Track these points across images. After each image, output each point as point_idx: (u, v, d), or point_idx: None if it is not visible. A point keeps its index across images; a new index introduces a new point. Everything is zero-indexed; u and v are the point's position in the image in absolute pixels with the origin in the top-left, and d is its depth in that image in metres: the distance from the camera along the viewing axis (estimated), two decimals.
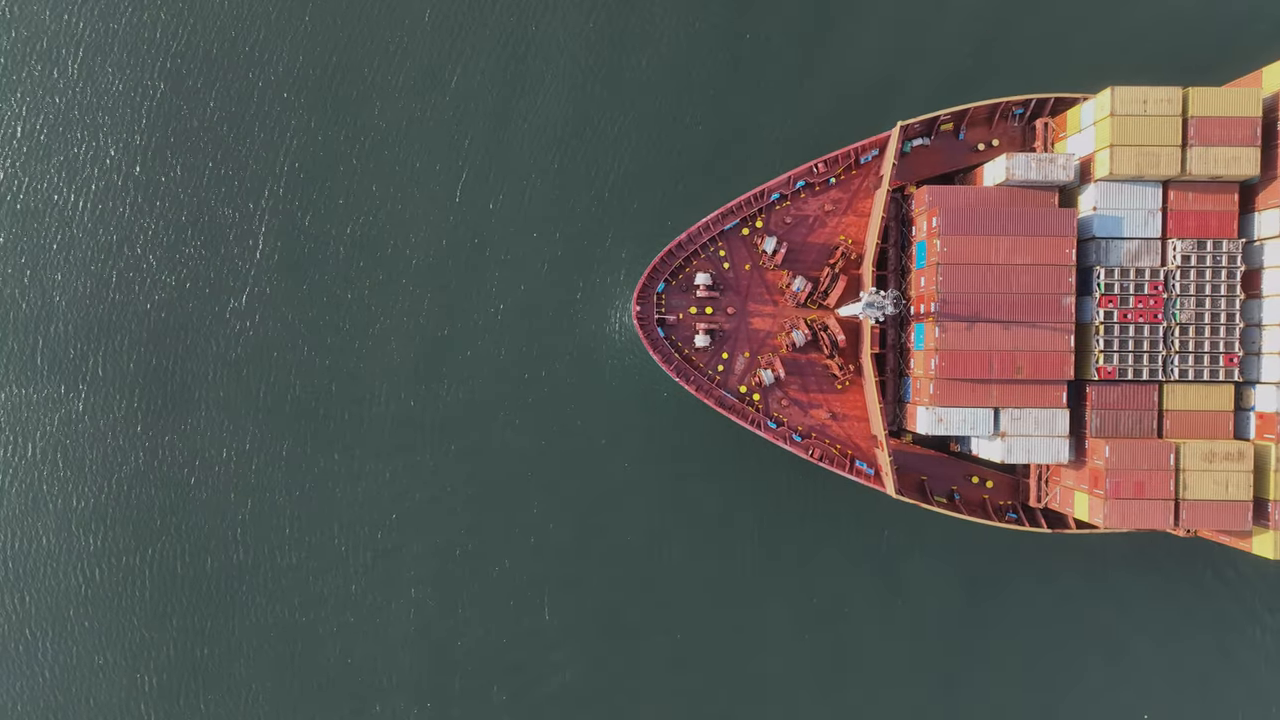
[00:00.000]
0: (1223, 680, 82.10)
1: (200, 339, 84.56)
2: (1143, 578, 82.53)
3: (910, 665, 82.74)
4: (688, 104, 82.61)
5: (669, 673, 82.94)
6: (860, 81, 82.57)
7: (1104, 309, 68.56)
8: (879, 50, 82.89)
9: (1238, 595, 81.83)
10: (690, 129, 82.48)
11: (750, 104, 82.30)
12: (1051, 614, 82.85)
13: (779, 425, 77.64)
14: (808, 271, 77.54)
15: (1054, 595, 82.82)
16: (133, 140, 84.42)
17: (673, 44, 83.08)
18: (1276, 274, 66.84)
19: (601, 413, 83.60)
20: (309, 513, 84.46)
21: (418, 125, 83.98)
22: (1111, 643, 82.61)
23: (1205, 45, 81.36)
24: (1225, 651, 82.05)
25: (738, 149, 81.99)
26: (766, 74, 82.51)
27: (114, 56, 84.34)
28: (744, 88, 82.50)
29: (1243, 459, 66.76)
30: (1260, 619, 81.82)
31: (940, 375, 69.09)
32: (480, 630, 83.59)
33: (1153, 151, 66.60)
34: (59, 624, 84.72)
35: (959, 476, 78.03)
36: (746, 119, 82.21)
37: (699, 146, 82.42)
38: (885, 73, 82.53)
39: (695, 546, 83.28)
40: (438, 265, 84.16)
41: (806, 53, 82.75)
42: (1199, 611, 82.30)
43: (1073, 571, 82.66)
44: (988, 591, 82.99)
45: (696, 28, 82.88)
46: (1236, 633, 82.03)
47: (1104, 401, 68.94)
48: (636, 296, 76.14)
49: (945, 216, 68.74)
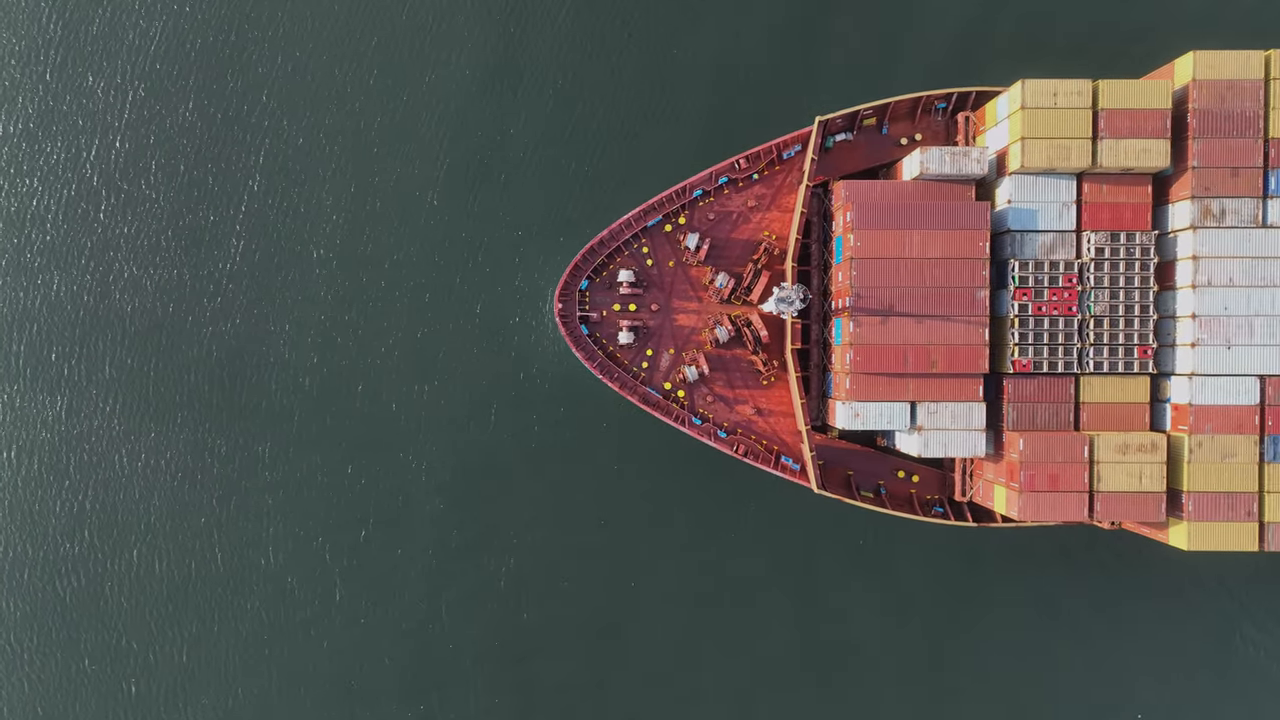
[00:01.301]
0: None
1: (179, 341, 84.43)
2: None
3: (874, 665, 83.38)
4: (607, 101, 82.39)
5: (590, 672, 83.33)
6: (785, 76, 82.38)
7: (1019, 302, 68.56)
8: (804, 43, 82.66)
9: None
10: (611, 126, 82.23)
11: (673, 99, 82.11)
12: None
13: (704, 421, 77.55)
14: (732, 267, 77.48)
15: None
16: (110, 143, 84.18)
17: (587, 44, 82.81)
18: (1189, 266, 66.88)
19: (532, 413, 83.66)
20: (291, 514, 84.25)
21: (391, 127, 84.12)
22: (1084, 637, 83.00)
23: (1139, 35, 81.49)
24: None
25: (660, 145, 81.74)
26: (686, 68, 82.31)
27: (91, 60, 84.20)
28: (666, 83, 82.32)
29: (1156, 450, 66.83)
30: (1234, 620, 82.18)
31: (855, 370, 69.06)
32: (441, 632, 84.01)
33: (1063, 144, 66.59)
34: (42, 632, 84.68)
35: (886, 471, 78.03)
36: (669, 115, 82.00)
37: (620, 144, 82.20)
38: (812, 67, 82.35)
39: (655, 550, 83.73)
40: (411, 266, 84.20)
41: (728, 46, 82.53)
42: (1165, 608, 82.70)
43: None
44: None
45: (609, 26, 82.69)
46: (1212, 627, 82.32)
47: (1020, 394, 68.93)
48: (558, 294, 76.02)
49: (858, 211, 68.71)
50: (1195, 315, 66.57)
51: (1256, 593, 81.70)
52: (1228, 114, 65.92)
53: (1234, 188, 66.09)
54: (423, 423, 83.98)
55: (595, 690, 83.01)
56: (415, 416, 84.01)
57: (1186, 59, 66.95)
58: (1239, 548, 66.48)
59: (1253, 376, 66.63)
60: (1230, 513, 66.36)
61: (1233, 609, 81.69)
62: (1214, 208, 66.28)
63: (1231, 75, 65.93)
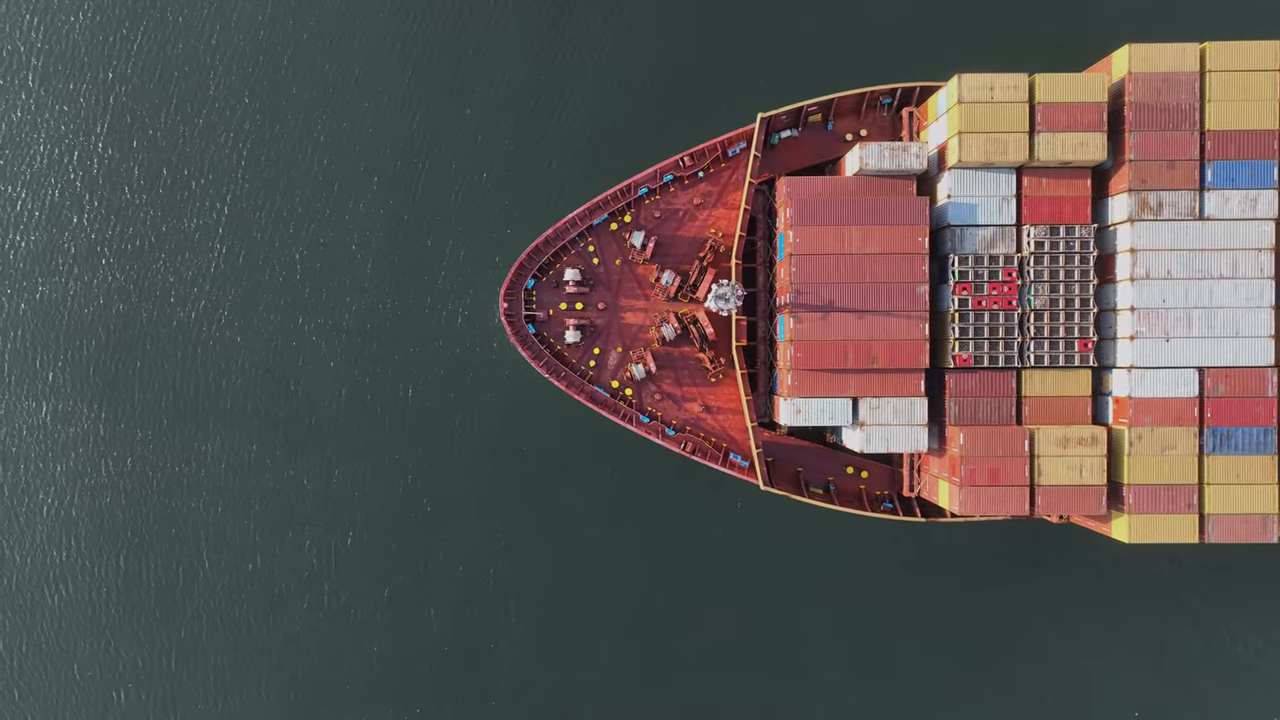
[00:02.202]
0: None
1: (164, 346, 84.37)
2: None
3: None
4: (553, 99, 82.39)
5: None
6: (731, 73, 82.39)
7: (959, 296, 68.58)
8: (750, 39, 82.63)
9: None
10: (556, 125, 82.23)
11: (618, 97, 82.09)
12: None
13: (652, 420, 77.49)
14: (678, 265, 77.43)
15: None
16: (92, 148, 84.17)
17: (528, 44, 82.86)
18: (1127, 259, 66.92)
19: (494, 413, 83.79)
20: (278, 518, 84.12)
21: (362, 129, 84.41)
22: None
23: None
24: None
25: (606, 143, 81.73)
26: (632, 65, 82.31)
27: (73, 65, 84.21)
28: (612, 80, 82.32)
29: (1096, 443, 66.89)
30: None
31: (796, 366, 69.05)
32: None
33: (1000, 138, 66.61)
34: (31, 640, 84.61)
35: (835, 468, 77.97)
36: (615, 113, 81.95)
37: (565, 142, 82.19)
38: (758, 63, 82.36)
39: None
40: (377, 269, 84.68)
41: (675, 43, 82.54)
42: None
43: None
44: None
45: (549, 27, 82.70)
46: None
47: (962, 389, 68.96)
48: (503, 294, 75.95)
49: (796, 207, 68.71)
50: (1134, 308, 66.64)
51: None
52: (1164, 107, 65.97)
53: (1171, 180, 66.14)
54: (407, 427, 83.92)
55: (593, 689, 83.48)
56: (400, 420, 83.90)
57: (1123, 52, 67.00)
58: (1179, 539, 66.55)
59: (1191, 369, 66.69)
60: (1170, 505, 66.44)
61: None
62: (1151, 200, 66.33)
63: (1167, 68, 65.99)
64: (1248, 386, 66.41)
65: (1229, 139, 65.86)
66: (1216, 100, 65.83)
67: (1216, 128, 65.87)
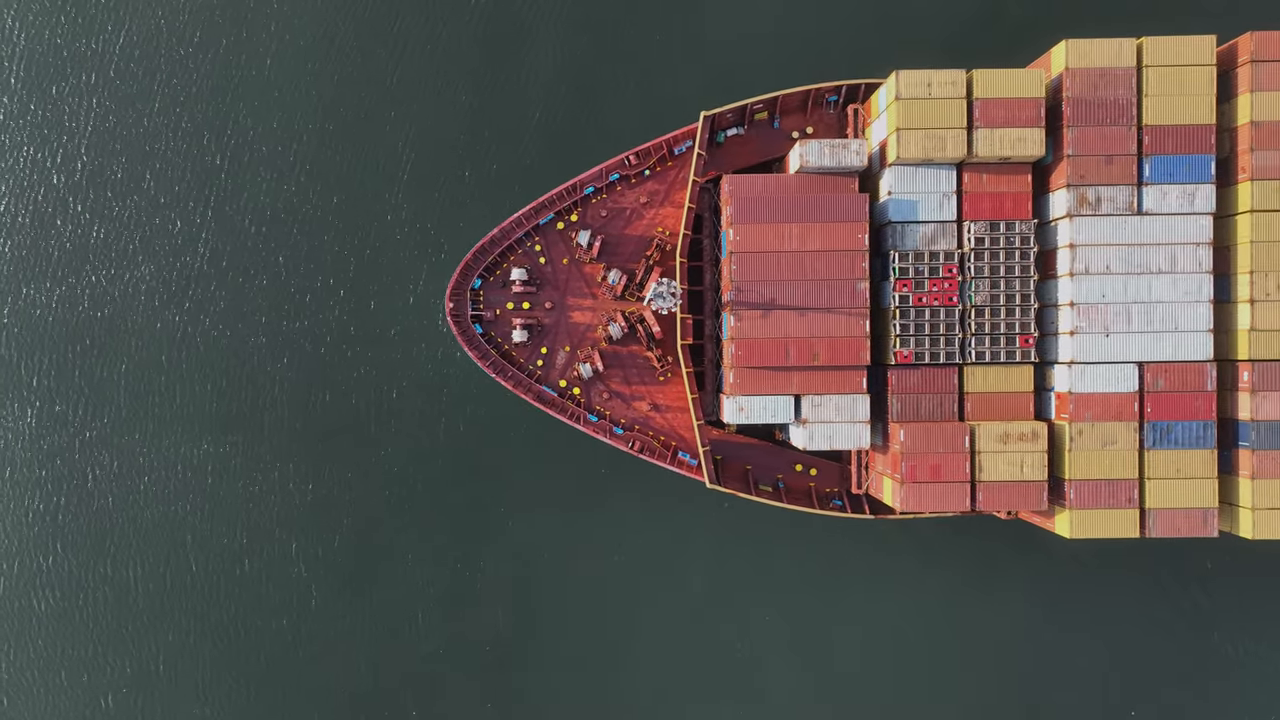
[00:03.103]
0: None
1: (149, 349, 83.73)
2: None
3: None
4: (500, 99, 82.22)
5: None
6: (689, 68, 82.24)
7: (899, 293, 68.57)
8: (697, 36, 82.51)
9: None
10: (502, 123, 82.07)
11: (562, 96, 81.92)
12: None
13: (600, 419, 77.41)
14: (626, 264, 77.36)
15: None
16: (76, 150, 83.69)
17: (471, 44, 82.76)
18: (1067, 254, 66.98)
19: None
20: (265, 521, 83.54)
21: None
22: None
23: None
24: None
25: (552, 142, 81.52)
26: (578, 63, 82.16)
27: (55, 66, 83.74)
28: (559, 79, 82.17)
29: (1037, 439, 66.93)
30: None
31: (738, 364, 69.01)
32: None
33: (938, 134, 66.61)
34: (19, 646, 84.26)
35: (785, 465, 77.96)
36: (560, 111, 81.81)
37: (513, 141, 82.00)
38: (707, 60, 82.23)
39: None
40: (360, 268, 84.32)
41: (616, 40, 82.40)
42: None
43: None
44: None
45: (498, 28, 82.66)
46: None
47: (904, 386, 68.92)
48: (449, 293, 75.86)
49: (736, 205, 68.69)
50: (1073, 303, 66.70)
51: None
52: (1101, 102, 66.00)
53: (1109, 175, 66.19)
54: (391, 429, 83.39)
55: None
56: (384, 422, 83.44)
57: (1060, 48, 67.03)
58: (1120, 534, 66.64)
59: (1131, 364, 66.74)
60: (1111, 500, 66.52)
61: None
62: (1089, 195, 66.38)
63: (1104, 64, 66.03)
64: (1187, 381, 66.43)
65: (1166, 134, 65.91)
66: (1154, 95, 65.87)
67: (1154, 122, 65.90)
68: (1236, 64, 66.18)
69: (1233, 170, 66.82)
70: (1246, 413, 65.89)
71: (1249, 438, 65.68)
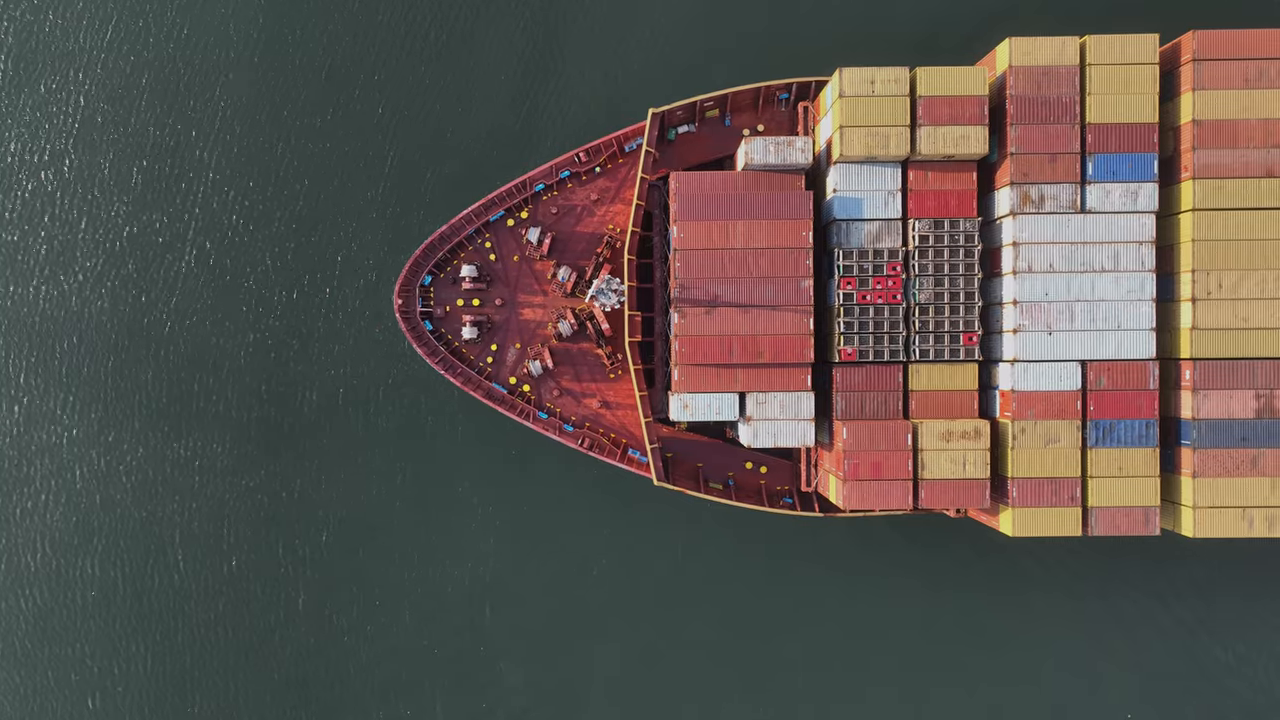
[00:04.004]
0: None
1: (136, 346, 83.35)
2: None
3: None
4: (451, 95, 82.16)
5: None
6: (639, 66, 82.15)
7: (843, 291, 68.56)
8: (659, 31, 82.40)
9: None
10: (456, 121, 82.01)
11: (519, 93, 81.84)
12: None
13: (550, 416, 77.38)
14: (577, 261, 77.30)
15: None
16: (63, 147, 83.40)
17: (417, 41, 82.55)
18: (1011, 252, 66.98)
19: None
20: (251, 520, 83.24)
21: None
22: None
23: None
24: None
25: (505, 139, 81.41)
26: (531, 60, 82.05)
27: (43, 63, 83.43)
28: (511, 76, 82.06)
29: (979, 437, 66.93)
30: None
31: (682, 361, 68.99)
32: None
33: (882, 132, 66.59)
34: (5, 647, 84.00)
35: (735, 463, 77.93)
36: (512, 107, 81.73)
37: (464, 139, 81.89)
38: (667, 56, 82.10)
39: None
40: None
41: (569, 36, 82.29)
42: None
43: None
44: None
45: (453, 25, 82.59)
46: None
47: (849, 383, 68.90)
48: (398, 290, 75.79)
49: (680, 203, 68.69)
50: (1016, 301, 66.73)
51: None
52: (1044, 100, 66.03)
53: (1052, 174, 66.21)
54: (376, 429, 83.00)
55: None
56: (370, 422, 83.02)
57: (1004, 46, 67.05)
58: (1063, 533, 66.69)
59: (1074, 362, 66.79)
60: (1054, 498, 66.56)
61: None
62: (1033, 194, 66.40)
63: (1047, 62, 66.05)
64: (1130, 379, 66.51)
65: (1110, 132, 65.96)
66: (1097, 93, 65.91)
67: (1097, 121, 65.95)
68: (1179, 63, 66.24)
69: (1176, 169, 66.89)
70: (1188, 411, 65.97)
71: (1190, 436, 65.75)
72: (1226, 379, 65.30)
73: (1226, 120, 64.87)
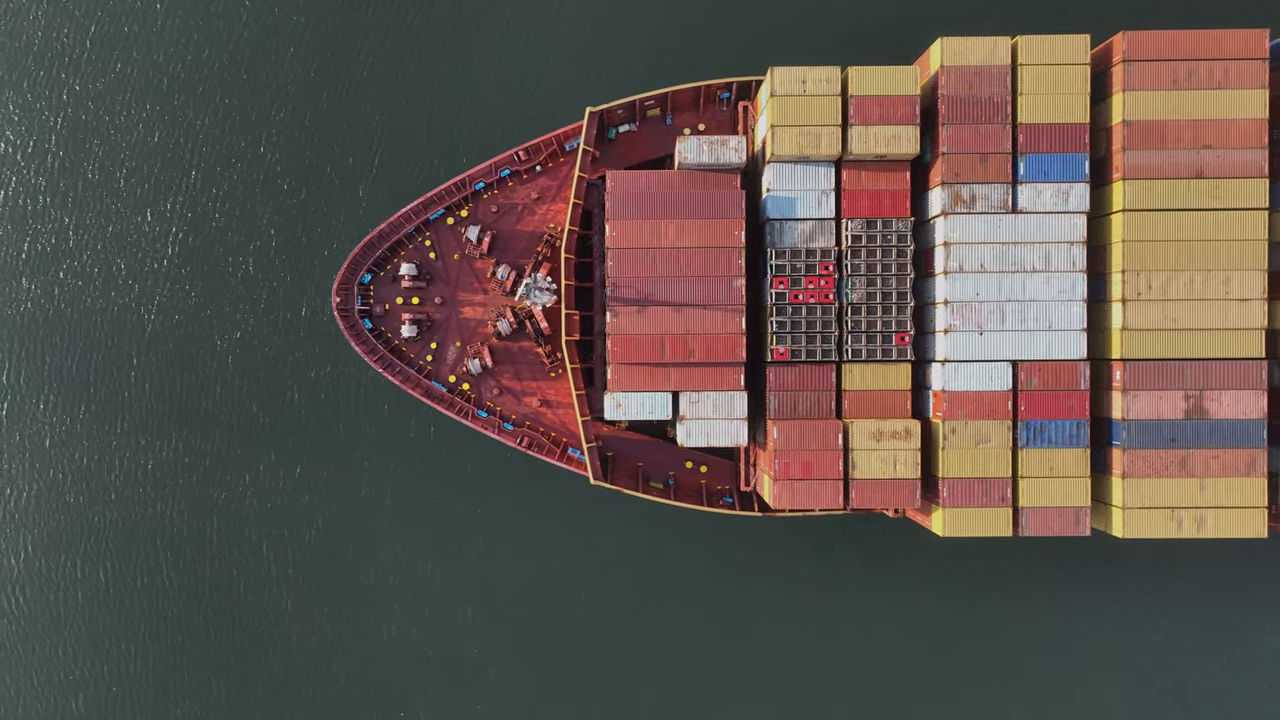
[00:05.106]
0: None
1: (121, 344, 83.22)
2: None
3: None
4: (392, 93, 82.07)
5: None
6: (582, 64, 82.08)
7: (776, 290, 68.50)
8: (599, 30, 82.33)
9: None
10: (392, 119, 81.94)
11: (457, 90, 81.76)
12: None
13: (489, 414, 77.27)
14: (518, 260, 77.22)
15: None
16: (46, 145, 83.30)
17: (347, 38, 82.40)
18: (943, 252, 66.94)
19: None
20: (237, 519, 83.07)
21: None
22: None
23: None
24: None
25: (446, 137, 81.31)
26: (474, 58, 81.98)
27: (27, 60, 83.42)
28: (452, 75, 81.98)
29: (910, 437, 66.88)
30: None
31: (614, 360, 68.91)
32: None
33: (813, 131, 66.56)
34: None
35: (676, 462, 77.88)
36: (454, 104, 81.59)
37: (406, 136, 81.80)
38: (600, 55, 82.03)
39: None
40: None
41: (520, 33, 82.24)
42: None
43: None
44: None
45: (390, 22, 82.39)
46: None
47: (782, 383, 68.85)
48: (336, 288, 75.71)
49: (611, 202, 68.67)
50: (948, 301, 66.70)
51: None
52: (976, 100, 66.02)
53: (984, 174, 66.19)
54: (361, 430, 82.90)
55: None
56: (354, 422, 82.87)
57: (936, 45, 67.00)
58: (994, 533, 66.65)
59: (1005, 362, 66.76)
60: (985, 498, 66.56)
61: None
62: (964, 194, 66.38)
63: (979, 61, 66.04)
64: (1060, 380, 66.51)
65: (1041, 132, 65.96)
66: (1029, 94, 65.92)
67: (1029, 121, 65.96)
68: (1111, 64, 66.22)
69: (1108, 170, 66.87)
70: (1118, 412, 65.96)
71: (1120, 437, 65.75)
72: (1156, 380, 65.29)
73: (1156, 121, 64.86)
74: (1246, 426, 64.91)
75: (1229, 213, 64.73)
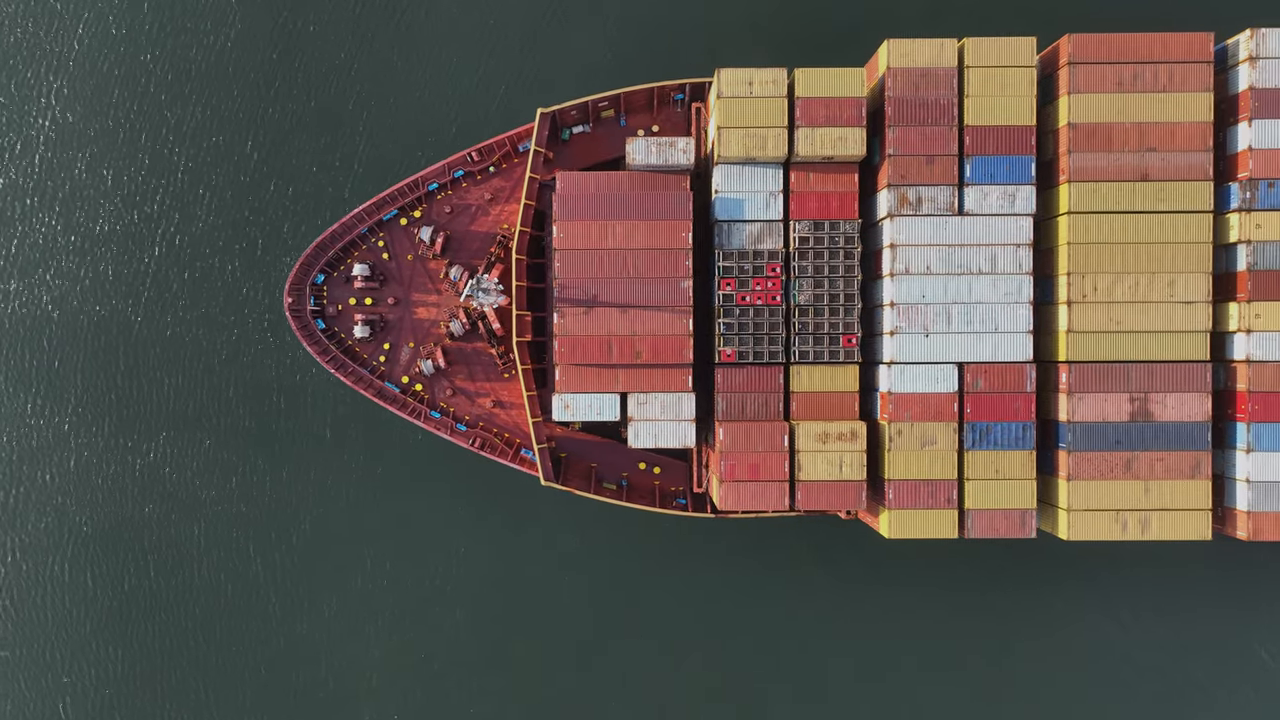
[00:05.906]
0: None
1: (108, 345, 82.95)
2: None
3: None
4: (348, 92, 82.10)
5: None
6: (537, 64, 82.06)
7: (723, 292, 68.48)
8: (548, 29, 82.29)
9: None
10: (344, 119, 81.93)
11: (409, 90, 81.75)
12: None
13: (442, 415, 77.23)
14: (471, 260, 77.20)
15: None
16: (33, 142, 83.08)
17: (305, 39, 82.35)
18: (889, 254, 66.94)
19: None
20: (223, 522, 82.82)
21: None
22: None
23: None
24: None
25: (399, 138, 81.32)
26: (430, 58, 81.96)
27: (12, 57, 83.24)
28: (405, 74, 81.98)
29: (856, 438, 66.88)
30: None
31: (561, 361, 68.86)
32: None
33: (759, 133, 66.53)
34: None
35: (629, 463, 77.82)
36: (406, 105, 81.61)
37: (363, 135, 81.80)
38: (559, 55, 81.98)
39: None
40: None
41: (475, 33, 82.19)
42: None
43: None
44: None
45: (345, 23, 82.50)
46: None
47: (730, 384, 68.81)
48: (288, 288, 75.63)
49: (558, 203, 68.60)
50: (894, 303, 66.68)
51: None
52: (922, 102, 66.01)
53: (930, 175, 66.19)
54: (349, 430, 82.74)
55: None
56: (340, 423, 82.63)
57: (883, 47, 67.00)
58: (939, 535, 66.67)
59: (951, 364, 66.75)
60: (930, 500, 66.54)
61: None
62: (910, 195, 66.38)
63: (925, 63, 66.05)
64: (1007, 382, 66.49)
65: (987, 134, 65.97)
66: (975, 96, 65.94)
67: (975, 123, 65.96)
68: (1057, 66, 66.24)
69: (1054, 172, 66.89)
70: (1064, 414, 65.94)
71: (1066, 439, 65.75)
72: (1101, 382, 65.30)
73: (1102, 123, 64.90)
74: (1191, 429, 64.91)
75: (1174, 215, 64.76)
